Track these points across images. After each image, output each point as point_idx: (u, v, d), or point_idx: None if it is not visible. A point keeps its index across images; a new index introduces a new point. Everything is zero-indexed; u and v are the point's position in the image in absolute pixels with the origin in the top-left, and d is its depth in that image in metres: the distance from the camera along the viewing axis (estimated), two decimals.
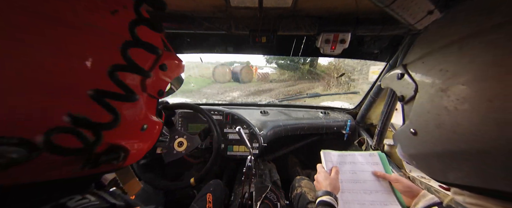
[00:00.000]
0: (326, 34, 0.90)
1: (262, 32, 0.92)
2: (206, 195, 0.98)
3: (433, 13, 0.62)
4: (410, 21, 0.68)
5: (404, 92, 0.38)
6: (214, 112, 1.24)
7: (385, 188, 0.75)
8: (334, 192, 0.68)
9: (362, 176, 0.78)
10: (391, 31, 0.88)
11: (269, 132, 1.34)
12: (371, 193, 0.74)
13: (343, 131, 1.48)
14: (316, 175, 0.78)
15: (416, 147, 0.36)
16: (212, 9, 0.86)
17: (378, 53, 1.13)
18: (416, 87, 0.35)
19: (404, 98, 0.38)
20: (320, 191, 0.69)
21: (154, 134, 0.43)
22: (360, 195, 0.74)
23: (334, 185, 0.71)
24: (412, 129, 0.36)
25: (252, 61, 9.39)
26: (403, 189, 0.70)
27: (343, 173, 0.79)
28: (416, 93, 0.35)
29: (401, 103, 0.40)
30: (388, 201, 0.71)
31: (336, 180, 0.73)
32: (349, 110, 1.60)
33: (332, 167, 0.79)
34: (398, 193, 0.72)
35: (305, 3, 0.80)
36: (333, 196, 0.66)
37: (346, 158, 0.84)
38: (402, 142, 0.41)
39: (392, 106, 1.05)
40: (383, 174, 0.76)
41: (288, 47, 1.13)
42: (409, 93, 0.37)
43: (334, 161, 0.83)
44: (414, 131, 0.35)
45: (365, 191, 0.75)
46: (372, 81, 1.35)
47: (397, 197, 0.71)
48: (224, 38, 1.14)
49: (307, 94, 1.68)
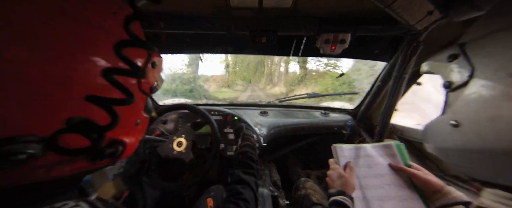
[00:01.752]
0: (326, 34, 0.90)
1: (262, 32, 0.93)
2: (207, 199, 0.98)
3: (433, 13, 0.62)
4: (410, 22, 0.68)
5: (453, 77, 0.33)
6: (213, 112, 1.24)
7: (404, 181, 0.68)
8: (348, 192, 0.63)
9: (379, 170, 0.72)
10: (391, 32, 0.88)
11: (269, 132, 1.34)
12: (390, 187, 0.68)
13: (343, 131, 1.48)
14: (329, 172, 0.72)
15: (455, 140, 0.32)
16: (212, 9, 0.86)
17: (378, 53, 1.13)
18: (472, 72, 0.29)
19: (451, 85, 0.33)
20: (334, 189, 0.64)
21: (144, 128, 0.45)
22: (378, 190, 0.68)
23: (349, 184, 0.66)
24: (453, 120, 0.31)
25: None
26: (421, 185, 0.64)
27: (359, 167, 0.73)
28: (469, 79, 0.30)
29: (446, 90, 0.35)
30: (407, 195, 0.65)
31: (350, 177, 0.68)
32: (349, 110, 1.60)
33: (346, 164, 0.73)
34: (419, 187, 0.66)
35: (305, 4, 0.81)
36: (348, 196, 0.61)
37: (360, 152, 0.77)
38: (436, 134, 0.37)
39: (392, 106, 1.05)
40: (400, 167, 0.69)
41: (288, 47, 1.13)
42: (460, 78, 0.31)
43: (348, 155, 0.76)
44: (455, 123, 0.31)
45: (382, 186, 0.69)
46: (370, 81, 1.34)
47: (418, 192, 0.65)
48: (224, 38, 1.14)
49: (307, 94, 1.68)
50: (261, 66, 9.62)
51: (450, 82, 0.33)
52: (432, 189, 0.60)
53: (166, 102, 1.67)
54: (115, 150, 0.36)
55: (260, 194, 1.02)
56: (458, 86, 0.32)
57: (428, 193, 0.62)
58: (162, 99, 1.68)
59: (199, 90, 7.53)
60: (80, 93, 0.28)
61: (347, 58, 1.25)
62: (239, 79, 11.57)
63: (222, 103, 1.76)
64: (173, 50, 1.20)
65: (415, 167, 0.68)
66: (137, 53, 0.36)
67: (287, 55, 1.19)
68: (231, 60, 10.32)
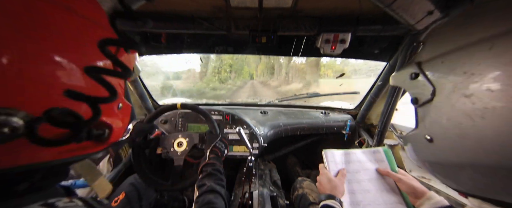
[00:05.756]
0: (326, 34, 0.90)
1: (262, 32, 0.93)
2: None
3: (433, 13, 0.62)
4: (410, 22, 0.68)
5: (418, 94, 0.34)
6: (214, 112, 1.24)
7: (391, 186, 0.72)
8: (338, 196, 0.65)
9: (368, 175, 0.75)
10: (391, 31, 0.88)
11: (269, 132, 1.34)
12: (377, 192, 0.71)
13: (343, 131, 1.48)
14: (318, 177, 0.75)
15: (433, 154, 0.33)
16: (212, 9, 0.86)
17: (378, 53, 1.13)
18: (434, 91, 0.30)
19: (418, 101, 0.34)
20: (323, 194, 0.66)
21: (127, 114, 0.46)
22: (366, 195, 0.71)
23: (338, 188, 0.68)
24: (427, 135, 0.32)
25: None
26: (406, 190, 0.67)
27: (349, 173, 0.76)
28: (433, 97, 0.31)
29: (414, 106, 0.36)
30: (394, 200, 0.69)
31: (340, 182, 0.70)
32: (349, 110, 1.60)
33: (339, 171, 0.75)
34: (404, 192, 0.69)
35: (305, 3, 0.80)
36: (337, 200, 0.63)
37: (350, 157, 0.80)
38: (415, 147, 0.37)
39: (392, 106, 1.05)
40: (387, 172, 0.73)
41: (288, 47, 1.13)
42: (424, 96, 0.32)
43: (338, 160, 0.79)
44: (430, 138, 0.32)
45: (370, 191, 0.72)
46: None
47: (403, 197, 0.69)
48: (224, 38, 1.14)
49: (307, 94, 1.68)
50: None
51: (417, 99, 0.34)
52: (416, 194, 0.64)
53: (165, 102, 1.67)
54: (102, 132, 0.37)
55: (260, 194, 1.02)
56: (423, 103, 0.33)
57: (412, 198, 0.65)
58: (162, 100, 1.68)
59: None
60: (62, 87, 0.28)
61: (347, 58, 1.25)
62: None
63: (222, 103, 1.76)
64: (173, 50, 1.20)
65: (401, 173, 0.72)
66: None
67: (287, 55, 1.19)
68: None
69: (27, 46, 0.25)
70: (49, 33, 0.27)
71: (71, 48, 0.29)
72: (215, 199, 0.63)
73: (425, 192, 0.63)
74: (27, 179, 0.31)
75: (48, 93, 0.27)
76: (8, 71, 0.23)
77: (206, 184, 0.69)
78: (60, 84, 0.28)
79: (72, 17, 0.30)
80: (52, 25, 0.27)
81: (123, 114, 0.44)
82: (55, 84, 0.28)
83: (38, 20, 0.26)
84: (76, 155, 0.35)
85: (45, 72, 0.27)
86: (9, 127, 0.23)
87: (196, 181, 0.84)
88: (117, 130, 0.42)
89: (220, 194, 0.67)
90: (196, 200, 0.65)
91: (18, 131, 0.24)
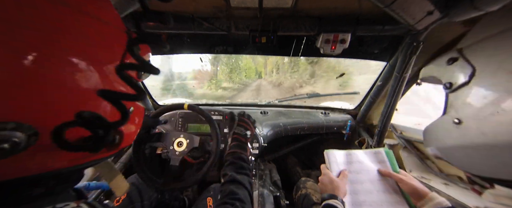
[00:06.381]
0: (326, 34, 0.90)
1: (262, 32, 0.93)
2: (206, 199, 0.97)
3: (433, 13, 0.62)
4: (410, 22, 0.68)
5: (454, 78, 0.35)
6: (213, 112, 1.24)
7: (392, 187, 0.72)
8: (340, 196, 0.66)
9: (369, 176, 0.75)
10: (391, 31, 0.88)
11: (269, 132, 1.34)
12: (379, 193, 0.71)
13: (343, 131, 1.48)
14: (320, 177, 0.75)
15: (457, 138, 0.33)
16: (212, 9, 0.86)
17: (378, 53, 1.13)
18: (473, 72, 0.31)
19: (452, 86, 0.35)
20: (326, 194, 0.67)
21: (140, 118, 0.45)
22: (368, 196, 0.71)
23: (340, 189, 0.68)
24: (456, 118, 0.33)
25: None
26: (407, 190, 0.67)
27: (350, 173, 0.76)
28: (470, 79, 0.32)
29: (446, 91, 0.37)
30: (395, 201, 0.69)
31: (342, 182, 0.71)
32: (349, 110, 1.60)
33: (341, 171, 0.76)
34: (406, 192, 0.69)
35: (305, 3, 0.81)
36: (339, 200, 0.64)
37: (351, 158, 0.80)
38: (437, 133, 0.38)
39: (392, 106, 1.05)
40: (389, 173, 0.73)
41: (288, 47, 1.13)
42: (461, 79, 0.33)
43: (339, 161, 0.79)
44: (458, 120, 0.33)
45: (372, 192, 0.72)
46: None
47: (405, 197, 0.69)
48: (224, 38, 1.14)
49: (307, 94, 1.68)
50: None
51: (451, 83, 0.35)
52: (418, 194, 0.64)
53: (166, 102, 1.67)
54: (113, 139, 0.35)
55: (260, 194, 1.02)
56: (459, 86, 0.34)
57: (414, 199, 0.65)
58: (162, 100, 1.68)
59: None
60: (91, 88, 0.28)
61: (347, 58, 1.25)
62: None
63: (222, 103, 1.76)
64: (173, 50, 1.20)
65: (402, 173, 0.72)
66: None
67: (287, 55, 1.19)
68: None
69: (55, 52, 0.25)
70: (75, 39, 0.28)
71: (101, 52, 0.30)
72: (237, 189, 0.63)
73: (427, 192, 0.62)
74: (42, 184, 0.31)
75: (78, 97, 0.28)
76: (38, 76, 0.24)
77: (228, 174, 0.70)
78: (90, 86, 0.28)
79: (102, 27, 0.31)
80: (83, 34, 0.28)
81: (135, 117, 0.43)
82: (80, 87, 0.28)
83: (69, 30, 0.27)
84: (92, 159, 0.36)
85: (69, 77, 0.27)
86: (10, 142, 0.23)
87: (195, 182, 0.83)
88: (129, 134, 0.40)
89: (241, 183, 0.67)
90: (220, 189, 0.67)
91: (19, 146, 0.23)
